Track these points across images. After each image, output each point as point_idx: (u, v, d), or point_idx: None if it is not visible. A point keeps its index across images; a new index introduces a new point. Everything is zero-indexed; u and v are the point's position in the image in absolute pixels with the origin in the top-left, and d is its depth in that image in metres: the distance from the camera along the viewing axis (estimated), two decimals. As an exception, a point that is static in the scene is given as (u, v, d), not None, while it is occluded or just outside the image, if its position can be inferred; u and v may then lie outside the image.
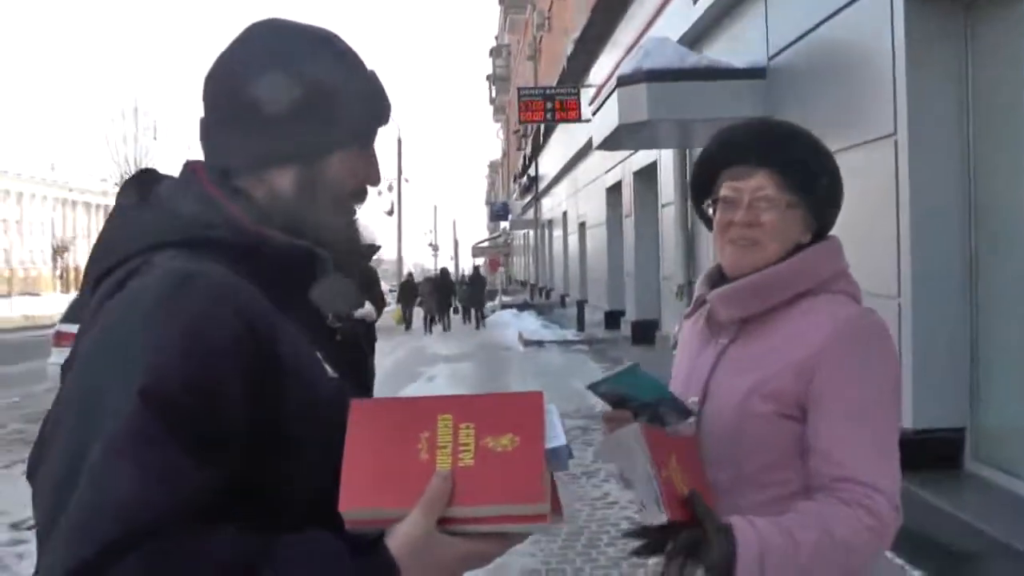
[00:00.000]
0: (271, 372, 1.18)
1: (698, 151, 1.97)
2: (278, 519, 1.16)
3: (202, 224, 1.27)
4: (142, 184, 1.37)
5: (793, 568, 1.55)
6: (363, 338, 1.53)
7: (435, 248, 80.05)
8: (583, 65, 19.95)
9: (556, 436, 1.16)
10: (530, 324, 26.51)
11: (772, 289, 1.78)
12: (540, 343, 20.66)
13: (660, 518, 1.56)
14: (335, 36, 1.41)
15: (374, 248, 1.54)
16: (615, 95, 9.52)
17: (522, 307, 34.42)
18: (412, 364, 17.90)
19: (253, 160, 1.35)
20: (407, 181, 57.19)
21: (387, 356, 19.52)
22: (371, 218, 1.54)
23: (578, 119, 17.68)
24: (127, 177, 1.42)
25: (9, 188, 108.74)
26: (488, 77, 62.21)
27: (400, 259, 51.38)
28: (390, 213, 54.22)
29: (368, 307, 8.64)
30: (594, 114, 11.52)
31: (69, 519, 1.01)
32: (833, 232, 1.93)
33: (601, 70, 17.24)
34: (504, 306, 36.35)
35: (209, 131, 1.37)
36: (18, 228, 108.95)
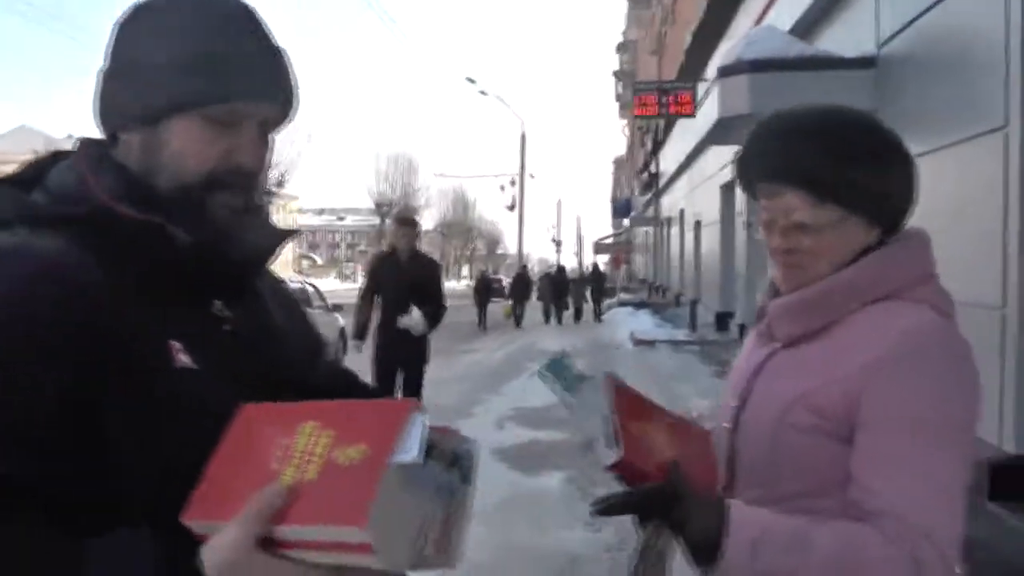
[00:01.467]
0: (88, 356, 1.10)
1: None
2: (114, 514, 1.08)
3: (61, 200, 1.23)
4: (43, 165, 1.33)
5: (794, 571, 1.32)
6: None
7: (558, 244, 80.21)
8: (701, 58, 19.49)
9: (409, 449, 0.94)
10: (644, 323, 26.10)
11: (830, 303, 1.54)
12: (651, 342, 20.26)
13: (610, 456, 1.42)
14: (224, 3, 1.28)
15: (275, 238, 1.40)
16: (716, 87, 9.15)
17: (639, 305, 33.99)
18: (520, 359, 17.74)
19: (110, 122, 1.29)
20: (532, 176, 57.33)
21: (497, 351, 19.54)
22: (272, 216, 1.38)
23: (691, 114, 17.22)
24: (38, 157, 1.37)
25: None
26: (615, 73, 61.83)
27: (521, 254, 51.50)
28: (512, 208, 54.55)
29: (415, 315, 7.14)
30: (698, 108, 11.15)
31: None
32: (918, 229, 1.61)
33: (717, 63, 16.79)
34: (621, 303, 35.97)
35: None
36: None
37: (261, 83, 1.27)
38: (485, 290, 29.29)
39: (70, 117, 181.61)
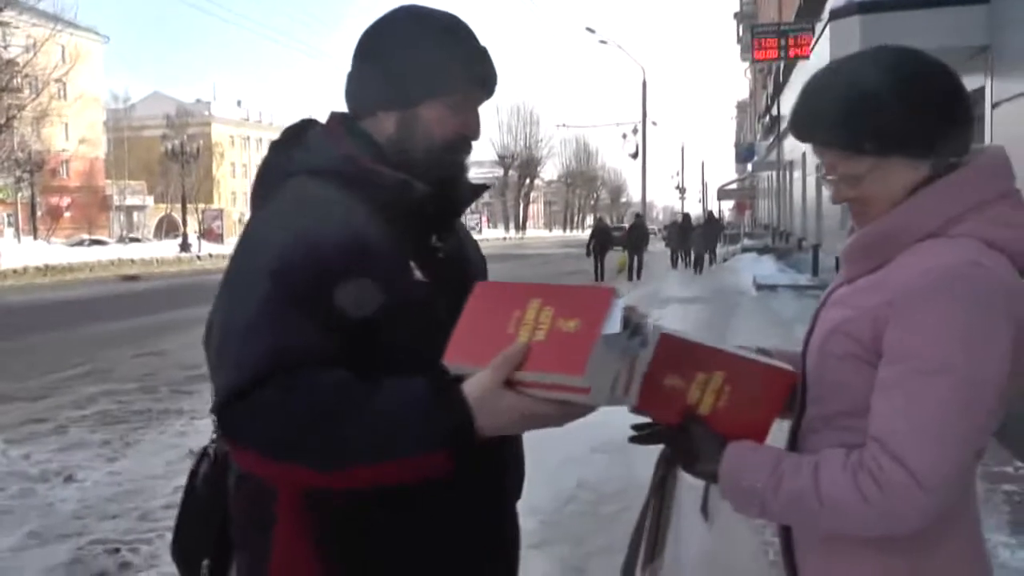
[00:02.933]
0: (360, 267, 1.57)
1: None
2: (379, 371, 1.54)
3: (325, 158, 1.73)
4: (299, 130, 1.83)
5: (764, 508, 1.57)
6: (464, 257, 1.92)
7: (682, 191, 79.25)
8: (820, -2, 19.03)
9: (613, 326, 1.36)
10: (767, 268, 25.90)
11: (879, 245, 1.62)
12: (773, 287, 20.20)
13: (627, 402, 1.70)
14: (449, 18, 1.77)
15: (475, 190, 1.90)
16: (827, 30, 9.15)
17: (762, 251, 33.58)
18: (644, 305, 17.71)
19: (369, 105, 1.78)
20: (654, 124, 56.81)
21: (622, 297, 19.67)
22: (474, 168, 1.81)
23: (809, 56, 16.96)
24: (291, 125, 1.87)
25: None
26: (735, 15, 60.46)
27: (644, 202, 51.24)
28: (635, 156, 54.21)
29: None
30: (811, 51, 11.10)
31: (232, 359, 1.51)
32: (986, 152, 1.64)
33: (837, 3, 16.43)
34: (745, 249, 35.60)
35: (347, 83, 1.81)
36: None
37: (481, 76, 1.78)
38: (604, 239, 28.06)
39: (196, 83, 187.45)
